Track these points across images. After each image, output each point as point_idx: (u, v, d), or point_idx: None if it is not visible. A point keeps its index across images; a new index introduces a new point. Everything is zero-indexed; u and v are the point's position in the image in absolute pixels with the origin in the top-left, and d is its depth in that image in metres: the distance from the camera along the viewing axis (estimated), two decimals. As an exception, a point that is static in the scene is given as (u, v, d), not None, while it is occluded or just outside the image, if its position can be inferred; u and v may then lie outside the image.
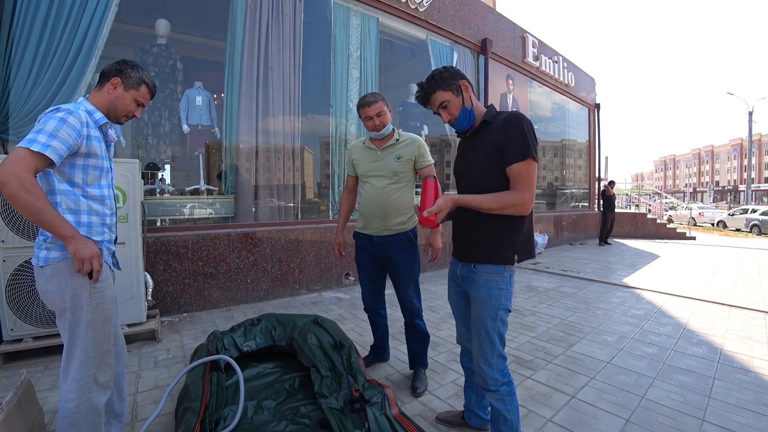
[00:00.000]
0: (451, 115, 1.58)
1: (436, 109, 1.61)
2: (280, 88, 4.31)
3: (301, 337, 2.35)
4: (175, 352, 2.82)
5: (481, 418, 1.91)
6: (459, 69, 1.65)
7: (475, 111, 1.60)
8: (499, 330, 1.54)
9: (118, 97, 1.50)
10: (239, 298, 3.96)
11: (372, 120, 2.22)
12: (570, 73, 9.76)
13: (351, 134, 5.19)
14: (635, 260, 7.69)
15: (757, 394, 2.44)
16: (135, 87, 1.53)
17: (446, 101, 1.56)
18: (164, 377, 2.47)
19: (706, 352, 3.10)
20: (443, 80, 1.56)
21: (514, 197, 1.43)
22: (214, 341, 2.48)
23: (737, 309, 4.36)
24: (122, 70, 1.51)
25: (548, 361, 2.85)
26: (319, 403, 1.80)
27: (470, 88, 1.60)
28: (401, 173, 2.27)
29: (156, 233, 3.47)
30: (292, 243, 4.37)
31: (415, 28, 5.88)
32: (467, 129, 1.64)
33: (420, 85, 1.61)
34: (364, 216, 2.38)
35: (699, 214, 19.80)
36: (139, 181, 2.86)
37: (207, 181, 4.32)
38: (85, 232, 1.42)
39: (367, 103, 2.21)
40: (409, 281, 2.36)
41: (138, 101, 1.56)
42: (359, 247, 2.47)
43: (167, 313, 3.51)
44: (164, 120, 4.09)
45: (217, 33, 4.85)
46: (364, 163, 2.35)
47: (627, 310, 4.20)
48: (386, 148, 2.30)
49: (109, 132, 1.54)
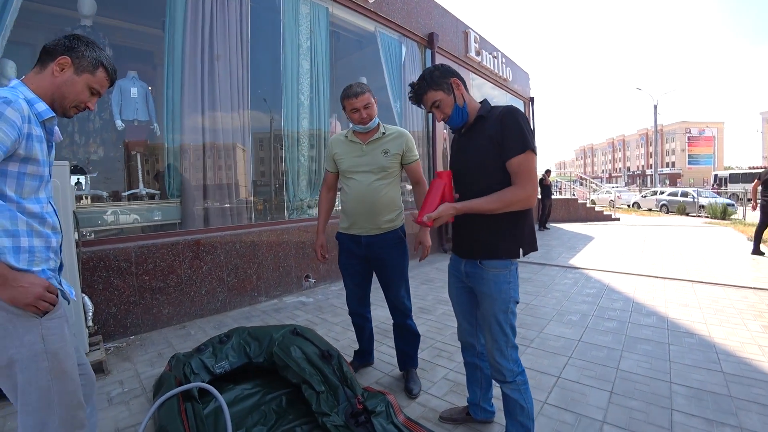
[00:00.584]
0: (444, 113, 1.58)
1: (429, 108, 1.60)
2: (227, 79, 3.94)
3: (283, 351, 2.15)
4: (131, 384, 2.42)
5: (487, 411, 1.88)
6: (449, 66, 1.62)
7: (468, 107, 1.59)
8: (510, 322, 1.54)
9: (66, 81, 1.15)
10: (194, 312, 3.59)
11: (359, 112, 2.07)
12: (508, 68, 10.21)
13: (303, 128, 4.94)
14: (574, 243, 8.27)
15: (705, 353, 2.72)
16: (90, 70, 1.19)
17: (438, 100, 1.56)
18: (125, 417, 2.07)
19: (656, 322, 3.37)
20: (434, 80, 1.55)
21: (517, 192, 1.42)
22: (178, 366, 2.18)
23: (670, 280, 4.83)
24: (73, 47, 1.16)
25: (527, 345, 2.92)
26: (322, 422, 1.64)
27: (461, 85, 1.59)
28: (389, 168, 2.15)
29: (91, 247, 2.99)
30: (247, 247, 4.05)
31: (364, 20, 5.73)
32: (461, 126, 1.63)
33: (411, 85, 1.61)
34: (349, 215, 2.22)
35: (617, 197, 21.92)
36: (71, 187, 2.44)
37: (147, 184, 3.83)
38: (26, 261, 1.08)
39: (354, 94, 2.06)
40: (401, 281, 2.25)
41: (93, 88, 1.21)
42: (344, 249, 2.29)
43: (111, 338, 3.05)
44: (93, 114, 3.51)
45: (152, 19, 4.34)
46: (348, 158, 2.19)
47: (581, 289, 4.47)
48: (372, 141, 2.16)
49: (54, 130, 1.20)
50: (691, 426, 1.90)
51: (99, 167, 3.80)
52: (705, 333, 3.09)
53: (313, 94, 5.01)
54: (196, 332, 3.28)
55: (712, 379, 2.36)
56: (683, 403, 2.10)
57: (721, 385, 2.29)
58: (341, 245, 2.31)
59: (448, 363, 2.63)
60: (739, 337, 2.99)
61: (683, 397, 2.16)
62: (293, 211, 4.93)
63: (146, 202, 3.81)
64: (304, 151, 4.97)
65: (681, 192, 18.21)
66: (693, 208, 16.27)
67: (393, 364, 2.57)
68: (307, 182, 5.03)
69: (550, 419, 1.97)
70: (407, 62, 6.66)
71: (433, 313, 3.72)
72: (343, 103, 2.11)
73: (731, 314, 3.51)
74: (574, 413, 2.02)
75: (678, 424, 1.92)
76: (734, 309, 3.65)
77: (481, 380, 1.84)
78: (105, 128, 3.74)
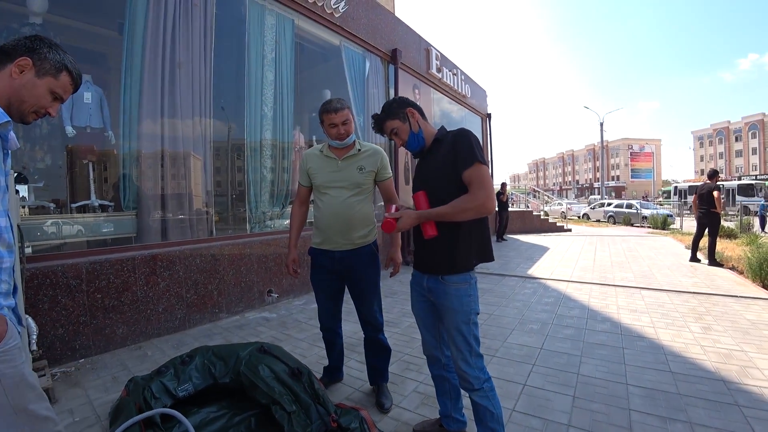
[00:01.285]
0: (401, 140, 1.75)
1: (388, 134, 1.77)
2: (189, 87, 3.80)
3: (250, 370, 2.07)
4: (83, 413, 2.22)
5: (459, 421, 1.90)
6: (406, 98, 1.81)
7: (423, 133, 1.74)
8: (473, 332, 1.61)
9: (25, 84, 1.07)
10: (150, 331, 3.38)
11: (337, 128, 2.08)
12: (467, 85, 10.60)
13: (266, 140, 4.86)
14: (531, 253, 8.63)
15: (655, 355, 2.92)
16: (53, 73, 1.11)
17: (395, 128, 1.73)
18: None
19: (610, 327, 3.58)
20: (391, 110, 1.74)
21: (467, 198, 1.52)
22: (137, 390, 2.03)
23: (621, 288, 5.15)
24: (35, 49, 1.09)
25: (492, 355, 2.99)
26: (296, 442, 1.58)
27: (416, 114, 1.75)
28: (363, 185, 2.17)
29: (36, 263, 2.75)
30: (208, 262, 3.89)
31: (330, 33, 5.77)
32: (419, 150, 1.77)
33: (374, 116, 1.80)
34: (322, 230, 2.19)
35: (568, 209, 23.18)
36: (15, 198, 2.24)
37: (99, 195, 3.58)
38: None
39: (334, 109, 2.06)
40: (374, 296, 2.26)
41: (55, 93, 1.13)
42: (317, 264, 2.26)
43: (58, 362, 2.79)
44: (41, 120, 3.22)
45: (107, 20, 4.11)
46: (322, 174, 2.18)
47: (540, 299, 4.65)
48: (347, 158, 2.17)
49: (10, 136, 1.10)
50: (647, 424, 2.03)
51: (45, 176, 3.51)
52: (654, 336, 3.31)
53: (277, 105, 4.95)
54: (154, 353, 3.09)
55: (663, 378, 2.53)
56: (639, 402, 2.24)
57: (670, 383, 2.46)
58: (314, 260, 2.28)
59: (417, 375, 2.64)
60: (683, 338, 3.24)
61: (639, 397, 2.30)
62: (255, 224, 4.80)
63: (99, 214, 3.56)
64: (266, 163, 4.88)
65: (626, 204, 19.57)
66: (637, 219, 17.51)
67: (363, 379, 2.55)
68: (269, 195, 4.93)
69: (519, 426, 2.02)
70: (371, 76, 6.75)
71: (399, 326, 3.73)
72: (322, 117, 2.10)
73: (675, 317, 3.79)
74: (541, 419, 2.09)
75: (636, 423, 2.03)
76: (678, 313, 3.95)
77: (450, 391, 1.87)
78: (53, 135, 3.47)
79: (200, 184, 4.18)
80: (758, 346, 3.05)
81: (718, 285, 5.13)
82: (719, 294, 4.65)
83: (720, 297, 4.53)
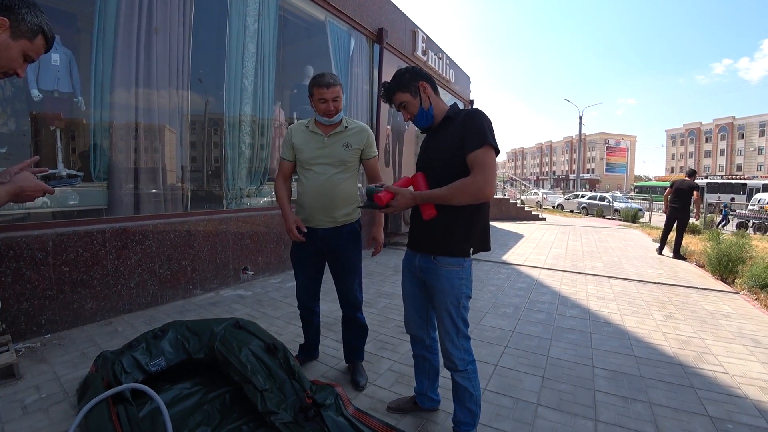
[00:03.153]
0: (410, 113, 1.66)
1: (397, 106, 1.69)
2: (166, 55, 3.61)
3: (224, 347, 2.05)
4: (50, 389, 2.14)
5: (433, 400, 1.95)
6: (420, 68, 1.71)
7: (434, 110, 1.67)
8: (462, 315, 1.61)
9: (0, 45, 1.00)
10: (121, 307, 3.29)
11: (327, 104, 2.02)
12: (451, 70, 10.54)
13: (245, 114, 4.71)
14: (506, 240, 8.81)
15: (620, 341, 3.06)
16: (29, 36, 1.04)
17: (405, 102, 1.64)
18: (44, 427, 1.81)
19: (580, 313, 3.72)
20: (403, 82, 1.64)
21: (466, 182, 1.46)
22: (106, 365, 1.99)
23: (591, 276, 5.35)
24: (12, 8, 1.00)
25: (467, 336, 3.06)
26: (270, 421, 1.58)
27: (429, 89, 1.66)
28: (349, 162, 2.14)
29: (-2, 234, 2.62)
30: (182, 237, 3.79)
31: (315, 7, 5.57)
32: (428, 126, 1.70)
33: (383, 85, 1.70)
34: (305, 207, 2.16)
35: (544, 198, 23.69)
36: (-27, 164, 2.10)
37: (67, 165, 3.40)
38: None
39: (326, 84, 1.99)
40: (354, 274, 2.26)
41: (28, 56, 1.07)
42: (298, 241, 2.24)
43: (23, 337, 2.67)
44: (3, 81, 2.98)
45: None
46: (308, 150, 2.13)
47: (513, 284, 4.78)
48: (334, 134, 2.12)
49: None
50: (610, 404, 2.13)
51: (8, 142, 3.29)
52: (620, 322, 3.47)
53: (258, 79, 4.78)
54: (125, 329, 3.01)
55: (627, 362, 2.66)
56: (604, 384, 2.35)
57: (633, 367, 2.59)
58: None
59: (392, 355, 2.69)
60: (647, 325, 3.40)
61: (604, 379, 2.41)
62: (232, 201, 4.69)
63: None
64: (245, 139, 4.74)
65: (599, 196, 20.17)
66: (609, 212, 18.09)
67: (338, 357, 2.57)
68: (247, 171, 4.81)
69: (491, 404, 2.09)
70: (355, 55, 6.61)
71: (375, 306, 3.76)
72: (312, 90, 2.04)
73: (640, 306, 3.97)
74: (511, 397, 2.17)
75: (600, 403, 2.14)
76: (643, 301, 4.13)
77: (429, 372, 1.90)
78: (17, 97, 3.22)
79: (175, 158, 4.03)
80: (714, 334, 3.24)
81: (681, 277, 5.39)
82: (682, 285, 4.89)
83: (682, 288, 4.77)
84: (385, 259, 6.06)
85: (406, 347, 2.63)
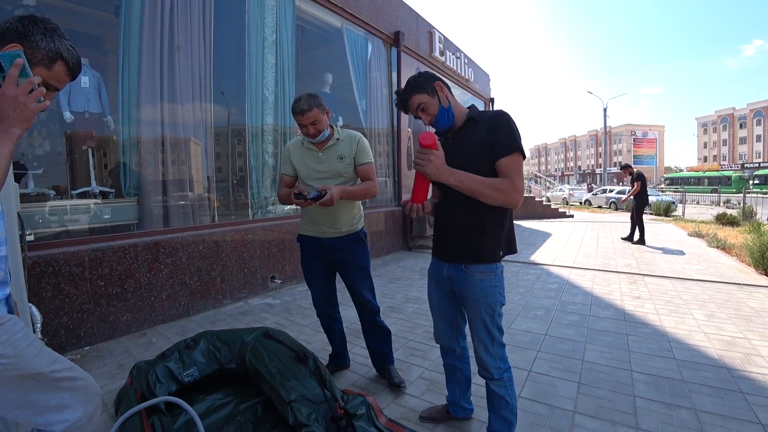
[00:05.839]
0: (430, 115, 1.57)
1: (415, 112, 1.60)
2: (188, 70, 3.72)
3: (255, 357, 2.06)
4: None
5: (466, 409, 1.91)
6: (433, 72, 1.65)
7: (453, 109, 1.59)
8: (497, 324, 1.56)
9: None
10: (154, 318, 3.39)
11: (306, 128, 2.04)
12: (470, 69, 10.43)
13: (267, 124, 4.79)
14: (534, 239, 8.61)
15: (659, 342, 2.91)
16: (45, 64, 1.00)
17: (423, 103, 1.56)
18: None
19: (614, 314, 3.58)
20: (417, 84, 1.57)
21: (504, 181, 1.42)
22: (140, 376, 2.03)
23: (623, 274, 5.15)
24: (27, 34, 0.96)
25: (497, 341, 2.99)
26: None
27: (445, 89, 1.59)
28: (345, 174, 2.15)
29: (38, 251, 2.73)
30: (211, 248, 3.88)
31: (331, 15, 5.63)
32: (448, 128, 1.61)
33: (397, 92, 1.63)
34: (310, 220, 2.21)
35: (570, 195, 23.09)
36: (14, 186, 2.21)
37: (99, 182, 3.54)
38: None
39: (300, 111, 1.99)
40: (365, 281, 2.27)
41: (49, 84, 1.02)
42: (306, 251, 2.29)
43: (64, 350, 2.79)
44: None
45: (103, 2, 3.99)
46: (306, 167, 2.17)
47: (543, 285, 4.65)
48: (327, 149, 2.15)
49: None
50: (652, 410, 2.03)
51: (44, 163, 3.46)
52: (657, 323, 3.31)
53: (278, 89, 4.86)
54: (158, 339, 3.10)
55: (667, 365, 2.53)
56: (644, 389, 2.24)
57: (674, 370, 2.46)
58: (303, 247, 2.30)
59: (422, 362, 2.65)
60: (687, 325, 3.24)
61: (643, 384, 2.30)
62: (257, 210, 4.78)
63: (100, 201, 3.53)
64: (268, 148, 4.82)
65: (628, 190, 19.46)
66: (639, 206, 17.41)
67: (368, 366, 2.55)
68: (271, 180, 4.89)
69: (526, 412, 2.03)
70: (373, 60, 6.63)
71: (403, 312, 3.73)
72: (293, 115, 2.06)
73: (679, 305, 3.79)
74: (547, 405, 2.10)
75: (641, 410, 2.04)
76: (681, 300, 3.94)
77: (461, 381, 1.86)
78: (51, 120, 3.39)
79: (201, 170, 4.14)
80: (761, 333, 3.05)
81: (722, 273, 5.12)
82: (722, 281, 4.64)
83: (723, 284, 4.53)
84: (411, 263, 6.03)
85: (437, 353, 2.59)
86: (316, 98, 2.03)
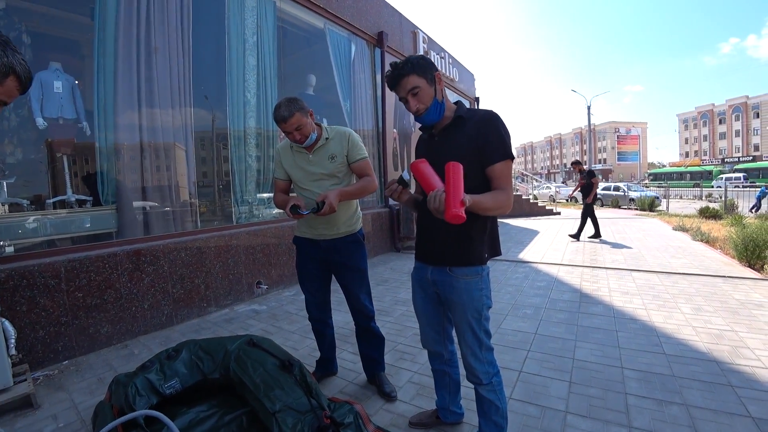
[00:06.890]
0: (421, 104, 1.46)
1: (404, 93, 1.47)
2: (167, 73, 3.62)
3: (239, 367, 1.99)
4: (68, 417, 2.12)
5: (456, 414, 1.87)
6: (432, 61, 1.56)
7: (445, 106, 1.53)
8: (484, 327, 1.52)
9: None
10: (136, 329, 3.28)
11: (292, 135, 1.96)
12: (454, 69, 10.46)
13: (250, 127, 4.71)
14: (521, 237, 8.65)
15: (648, 338, 2.92)
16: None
17: (418, 87, 1.44)
18: None
19: (603, 310, 3.58)
20: (420, 66, 1.45)
21: (504, 198, 1.39)
22: (119, 390, 1.94)
23: (611, 270, 5.18)
24: None
25: (487, 341, 2.96)
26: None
27: (442, 82, 1.52)
28: (339, 173, 2.09)
29: (10, 264, 2.61)
30: (194, 255, 3.78)
31: (313, 16, 5.57)
32: (432, 125, 1.54)
33: (393, 65, 1.48)
34: (307, 222, 2.14)
35: (557, 192, 23.33)
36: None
37: (76, 189, 3.42)
38: None
39: (281, 119, 1.90)
40: (362, 284, 2.21)
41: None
42: (302, 253, 2.21)
43: (41, 365, 2.67)
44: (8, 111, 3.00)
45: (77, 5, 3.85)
46: (297, 170, 2.11)
47: (532, 283, 4.65)
48: (317, 150, 2.08)
49: None
50: (644, 408, 2.02)
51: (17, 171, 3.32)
52: (646, 318, 3.32)
53: (260, 91, 4.78)
54: (141, 351, 3.00)
55: (657, 361, 2.53)
56: (635, 386, 2.23)
57: (665, 366, 2.46)
58: (299, 249, 2.23)
59: (411, 365, 2.61)
60: (675, 320, 3.25)
61: (634, 381, 2.29)
62: (241, 215, 4.69)
63: (76, 210, 3.40)
64: (251, 152, 4.74)
65: (614, 186, 19.75)
66: (624, 201, 17.70)
67: (356, 371, 2.50)
68: (255, 184, 4.80)
69: (517, 414, 2.00)
70: (356, 60, 6.58)
71: (391, 314, 3.68)
72: (276, 123, 1.99)
73: (666, 299, 3.82)
74: (538, 406, 2.07)
75: (633, 407, 2.03)
76: (668, 294, 3.97)
77: (450, 385, 1.82)
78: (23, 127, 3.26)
79: (182, 175, 4.03)
80: (748, 325, 3.08)
81: (707, 266, 5.19)
82: (708, 274, 4.70)
83: (709, 277, 4.59)
84: (400, 264, 5.99)
85: (426, 357, 2.54)
86: (296, 102, 1.94)
